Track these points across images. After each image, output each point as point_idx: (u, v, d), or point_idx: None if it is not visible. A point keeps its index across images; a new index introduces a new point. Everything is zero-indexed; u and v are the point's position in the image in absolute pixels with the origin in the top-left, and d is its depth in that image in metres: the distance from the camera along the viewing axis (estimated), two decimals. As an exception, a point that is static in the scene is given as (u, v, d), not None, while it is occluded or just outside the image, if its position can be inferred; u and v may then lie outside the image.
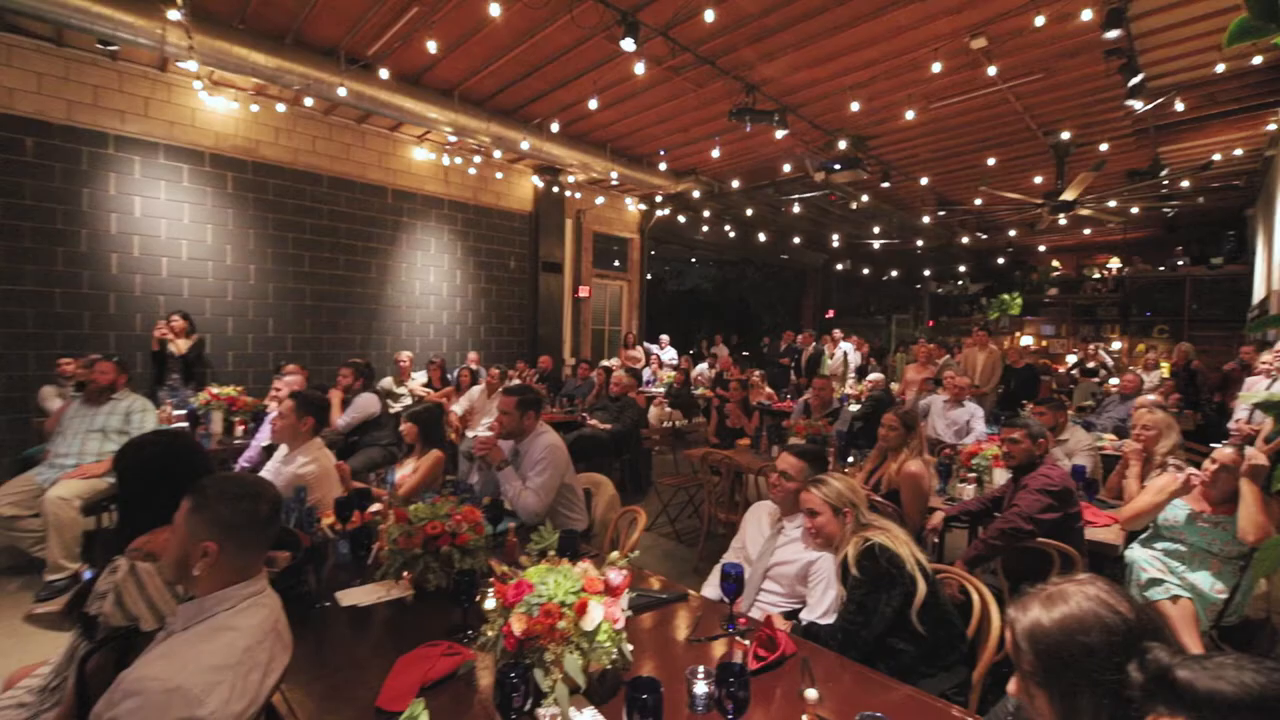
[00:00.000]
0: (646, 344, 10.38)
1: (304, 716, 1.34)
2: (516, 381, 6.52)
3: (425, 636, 1.70)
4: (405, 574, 1.99)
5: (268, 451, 3.69)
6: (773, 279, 17.00)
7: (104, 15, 4.71)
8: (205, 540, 1.16)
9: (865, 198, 8.84)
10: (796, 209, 9.61)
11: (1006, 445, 2.86)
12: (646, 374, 8.92)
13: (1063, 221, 9.35)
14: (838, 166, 7.54)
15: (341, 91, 5.60)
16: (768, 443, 4.42)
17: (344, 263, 7.54)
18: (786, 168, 7.82)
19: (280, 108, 6.57)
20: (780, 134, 6.28)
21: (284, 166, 7.04)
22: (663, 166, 8.50)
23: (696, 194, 9.15)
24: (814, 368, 8.64)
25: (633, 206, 10.47)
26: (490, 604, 1.78)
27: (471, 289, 8.77)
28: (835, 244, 12.49)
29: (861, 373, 8.44)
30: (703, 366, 9.79)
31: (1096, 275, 13.35)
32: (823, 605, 2.09)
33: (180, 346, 5.95)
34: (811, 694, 1.42)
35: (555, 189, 8.98)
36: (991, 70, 5.20)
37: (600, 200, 9.84)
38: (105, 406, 3.98)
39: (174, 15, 4.42)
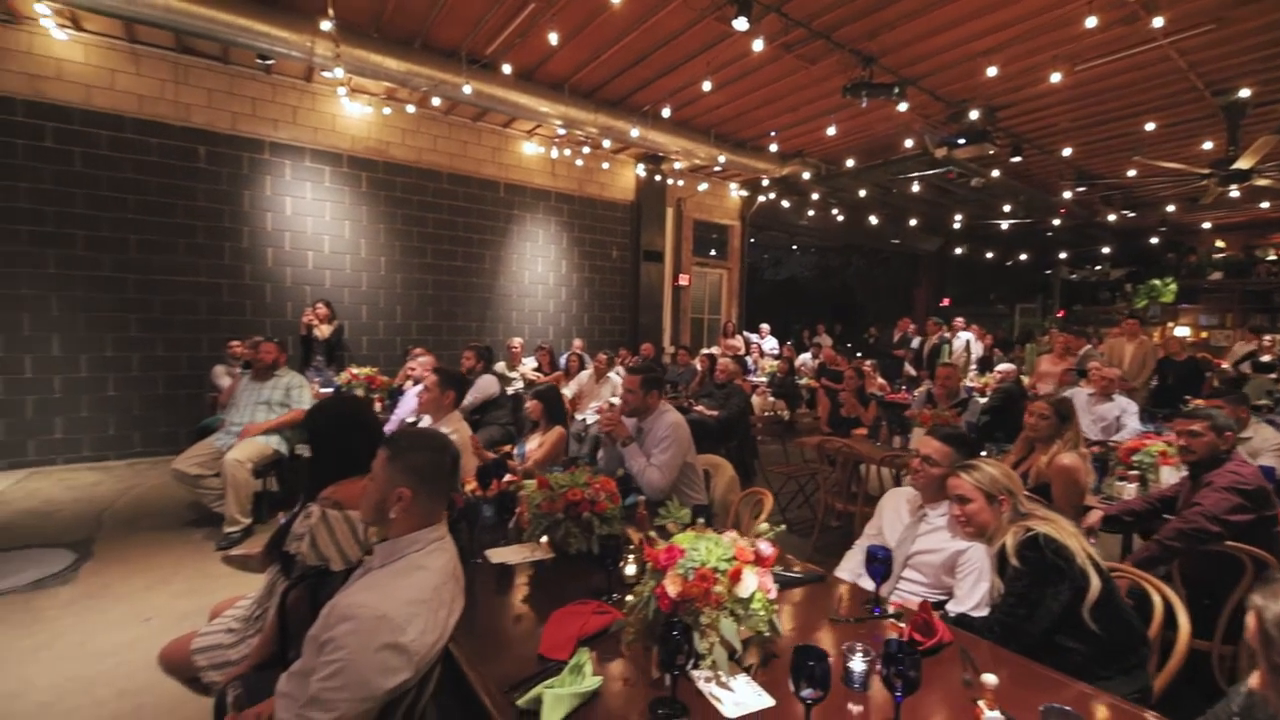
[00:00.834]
0: (746, 333, 10.22)
1: (473, 658, 1.43)
2: (620, 368, 6.64)
3: (567, 595, 1.76)
4: (544, 538, 2.09)
5: (410, 424, 3.99)
6: (880, 266, 16.17)
7: (263, 32, 5.24)
8: (400, 486, 1.27)
9: (996, 173, 8.16)
10: (916, 187, 9.02)
11: (1185, 438, 2.54)
12: (747, 363, 8.79)
13: (1234, 194, 8.16)
14: (961, 141, 7.01)
15: (467, 89, 5.91)
16: (888, 433, 4.21)
17: (461, 254, 8.00)
18: (909, 143, 7.35)
19: (410, 109, 7.04)
20: (900, 108, 5.92)
21: (409, 165, 7.56)
22: (774, 148, 8.26)
23: (807, 175, 8.83)
24: (934, 359, 8.13)
25: (735, 193, 10.31)
26: (631, 569, 1.83)
27: (576, 278, 9.01)
28: (956, 226, 11.65)
29: (984, 364, 7.83)
30: (805, 356, 9.50)
31: (1271, 256, 11.57)
32: (974, 598, 1.95)
33: (324, 331, 6.56)
34: (990, 679, 1.33)
35: (657, 178, 9.02)
36: (1157, 21, 4.61)
37: (703, 187, 9.76)
38: (269, 382, 4.47)
39: (326, 26, 4.83)
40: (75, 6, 4.80)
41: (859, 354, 10.37)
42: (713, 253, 10.69)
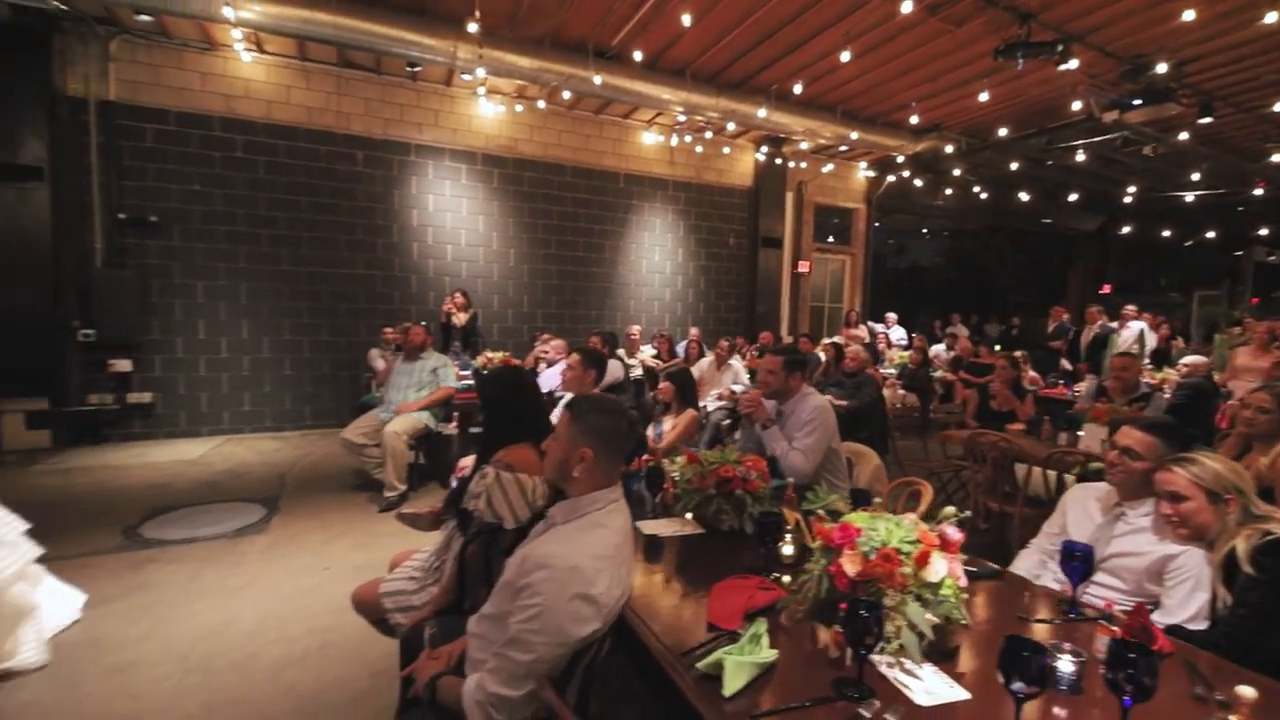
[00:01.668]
0: (870, 323, 9.68)
1: (648, 619, 1.45)
2: (742, 356, 6.53)
3: (717, 570, 1.75)
4: (688, 514, 2.09)
5: (549, 400, 4.18)
6: (1025, 249, 14.65)
7: (413, 40, 5.68)
8: (583, 446, 1.31)
9: (1185, 135, 7.09)
10: (1081, 156, 8.03)
11: None
12: (879, 352, 8.32)
13: None
14: (1137, 102, 6.15)
15: (597, 80, 6.05)
16: (1051, 428, 3.80)
17: (583, 245, 8.24)
18: (1077, 105, 6.57)
19: (540, 104, 7.29)
20: (1071, 65, 5.30)
21: (536, 160, 7.89)
22: (913, 121, 7.70)
23: (950, 149, 8.17)
24: (1095, 351, 7.25)
25: (861, 173, 9.78)
26: (788, 550, 1.78)
27: (692, 266, 8.99)
28: (1125, 200, 10.29)
29: (1160, 358, 6.85)
30: (939, 347, 8.83)
31: None
32: (1189, 608, 1.70)
33: (461, 319, 7.02)
34: (1247, 691, 1.14)
35: (777, 161, 8.76)
36: None
37: (827, 169, 9.34)
38: (418, 363, 4.86)
39: (473, 28, 5.13)
40: (260, 29, 5.45)
41: (998, 345, 9.49)
42: (831, 239, 10.22)
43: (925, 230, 14.71)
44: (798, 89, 6.73)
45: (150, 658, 2.50)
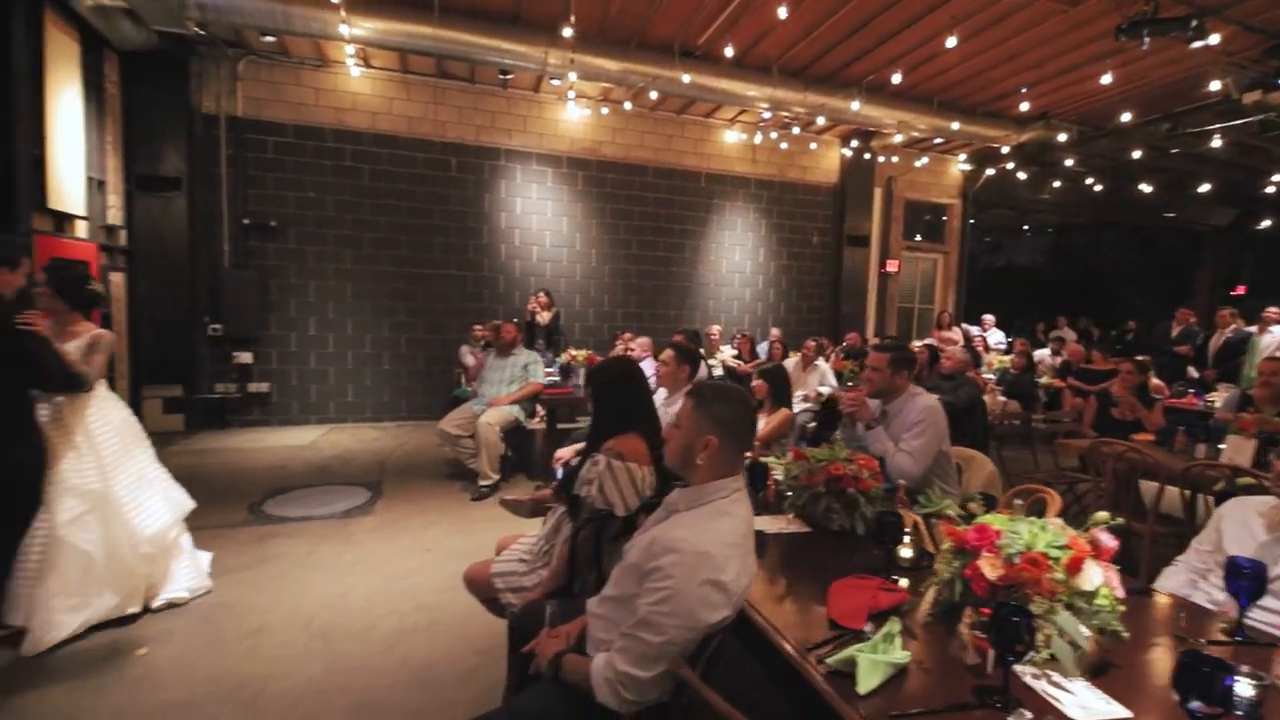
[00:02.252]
0: (965, 325, 9.16)
1: (765, 612, 1.43)
2: (825, 358, 6.35)
3: (825, 569, 1.71)
4: (791, 513, 2.04)
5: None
6: (1143, 247, 13.40)
7: (507, 49, 5.89)
8: (707, 434, 1.31)
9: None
10: (1217, 141, 7.27)
11: None
12: (979, 355, 7.85)
13: None
14: (1287, 79, 5.50)
15: (686, 79, 6.07)
16: (1186, 440, 3.45)
17: (663, 245, 8.28)
18: (1215, 85, 5.96)
19: (627, 105, 7.37)
20: (1211, 41, 4.81)
21: (618, 162, 8.00)
22: (1023, 107, 7.22)
23: (1061, 138, 7.61)
24: (1226, 357, 6.54)
25: (958, 167, 9.28)
26: (906, 552, 1.70)
27: (773, 266, 8.83)
28: (1268, 190, 9.23)
29: (1311, 365, 6.06)
30: (1043, 352, 8.22)
31: None
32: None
33: (544, 318, 7.21)
34: None
35: (866, 156, 8.45)
36: None
37: (921, 162, 8.91)
38: (510, 359, 5.04)
39: (568, 32, 5.27)
40: (369, 45, 5.81)
41: (1112, 350, 8.71)
42: (917, 237, 9.74)
43: (1026, 227, 13.74)
44: (894, 79, 6.46)
45: (277, 623, 2.71)
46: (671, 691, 1.23)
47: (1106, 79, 5.78)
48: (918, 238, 9.76)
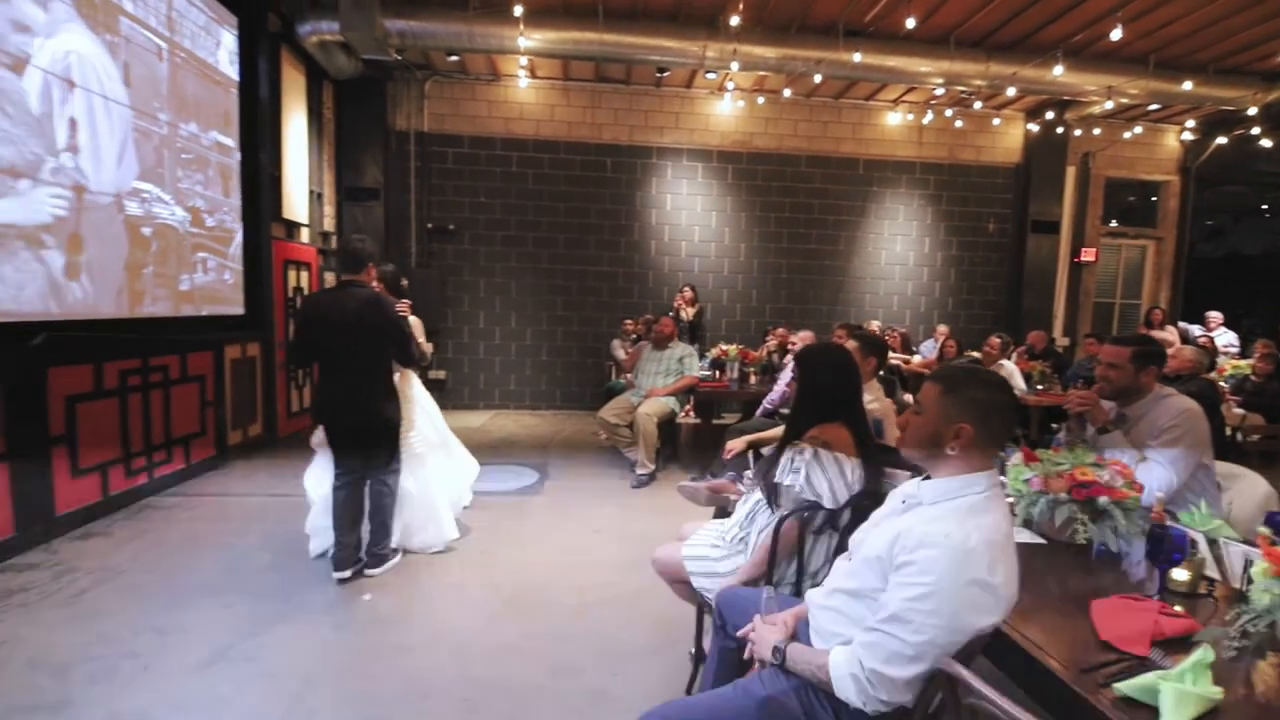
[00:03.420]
0: (1183, 323, 7.79)
1: (1018, 625, 1.28)
2: (1007, 358, 5.70)
3: (1069, 585, 1.53)
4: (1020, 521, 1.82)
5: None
6: None
7: (666, 46, 5.96)
8: (960, 422, 1.19)
9: None
10: None
11: None
12: (1212, 357, 6.63)
13: None
14: None
15: (857, 58, 5.76)
16: None
17: (816, 237, 7.95)
18: None
19: (786, 92, 7.17)
20: None
21: (770, 153, 7.81)
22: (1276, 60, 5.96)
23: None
24: None
25: (1178, 137, 7.90)
26: (1182, 574, 1.45)
27: (940, 257, 8.12)
28: None
29: None
30: (1293, 355, 6.73)
31: None
32: None
33: (689, 313, 7.23)
34: None
35: (1059, 130, 7.47)
36: None
37: (1135, 131, 7.67)
38: (667, 352, 5.11)
39: (735, 20, 5.23)
40: (539, 54, 6.17)
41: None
42: (1113, 222, 8.42)
43: (1265, 206, 11.36)
44: (1090, 42, 5.64)
45: (473, 589, 2.95)
46: (917, 696, 1.13)
47: None
48: (1113, 223, 8.46)
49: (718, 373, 5.31)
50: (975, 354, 5.97)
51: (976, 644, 1.11)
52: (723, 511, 2.51)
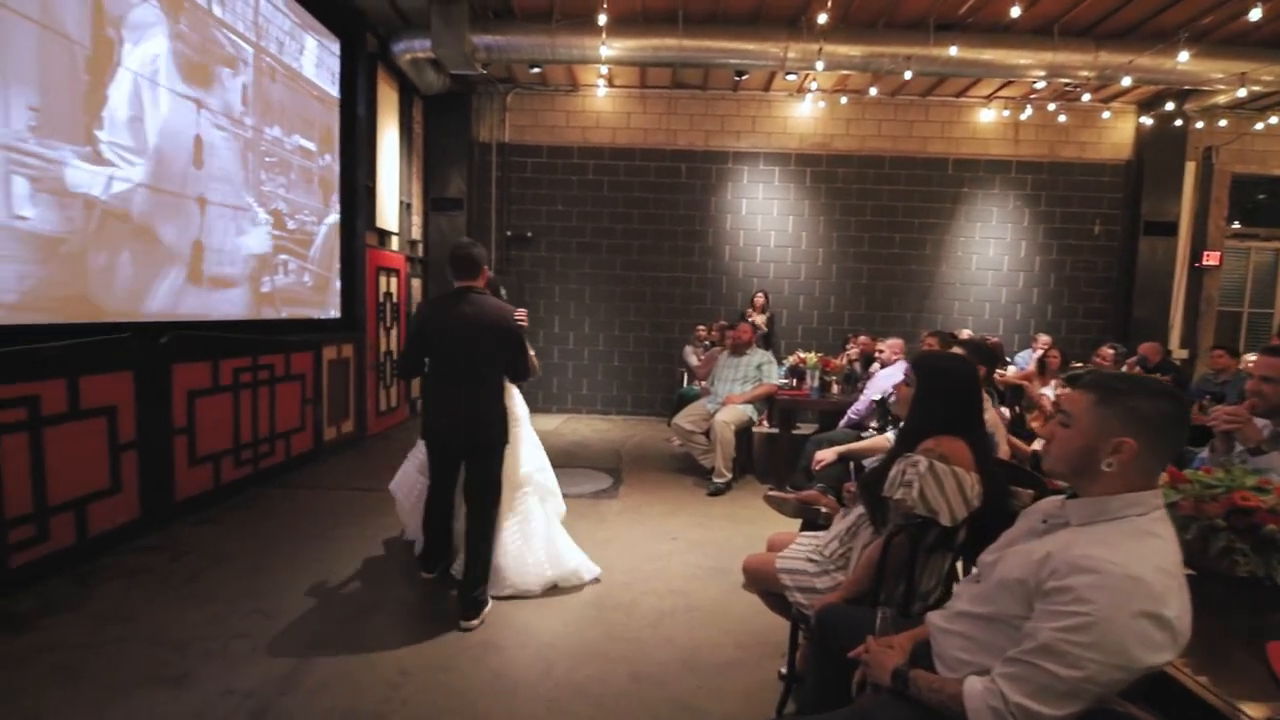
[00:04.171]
0: (1328, 334, 6.91)
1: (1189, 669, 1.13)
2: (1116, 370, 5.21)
3: (1234, 621, 1.36)
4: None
5: (880, 406, 3.90)
6: None
7: (746, 49, 5.88)
8: (1120, 435, 1.06)
9: None
10: None
11: None
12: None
13: None
14: None
15: (953, 51, 5.49)
16: None
17: (899, 241, 7.61)
18: None
19: (872, 91, 6.91)
20: None
21: (851, 155, 7.55)
22: None
23: None
24: None
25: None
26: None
27: (1038, 262, 7.58)
28: None
29: None
30: None
31: None
32: None
33: (760, 320, 7.08)
34: None
35: (1178, 122, 6.82)
36: None
37: (1270, 122, 6.90)
38: (744, 358, 5.00)
39: (822, 18, 5.09)
40: (619, 63, 6.23)
41: None
42: (1234, 224, 7.56)
43: None
44: (1230, 21, 5.11)
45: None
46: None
47: None
48: (1235, 224, 7.62)
49: (796, 381, 5.14)
50: (1081, 366, 5.50)
51: (1142, 684, 0.98)
52: (811, 524, 2.40)
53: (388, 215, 6.43)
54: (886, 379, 4.03)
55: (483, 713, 2.04)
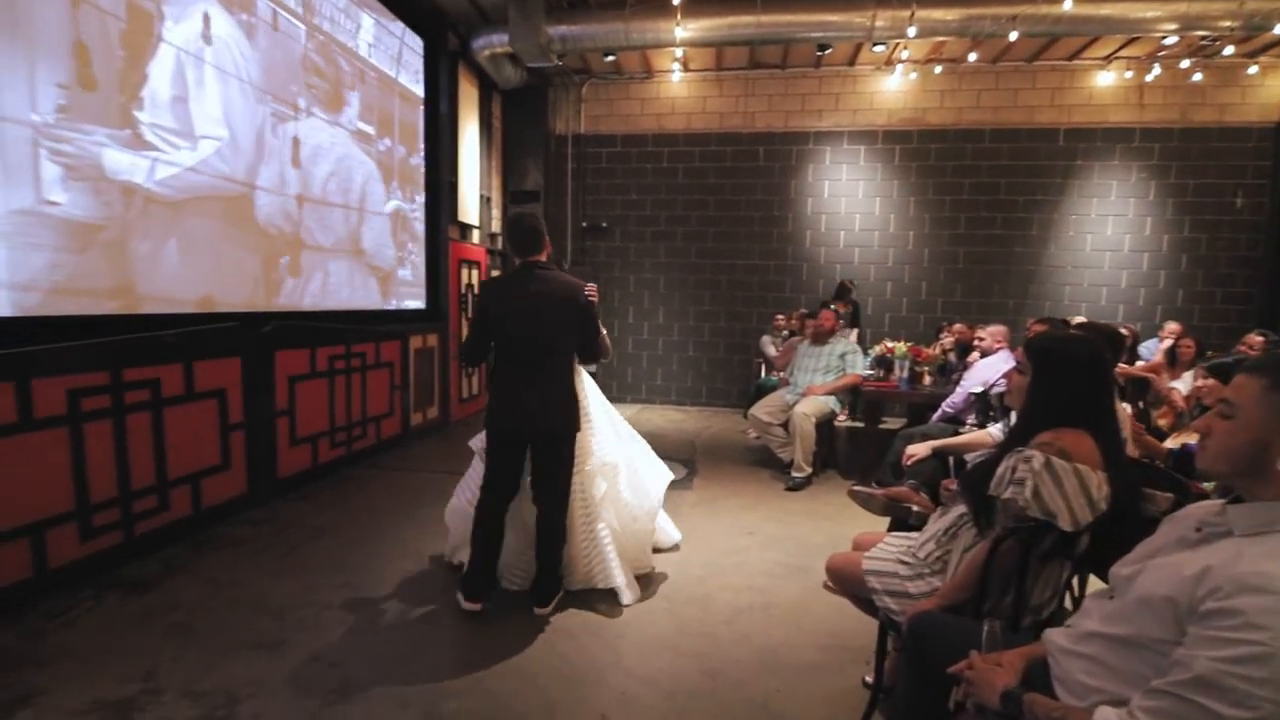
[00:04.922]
0: None
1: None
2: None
3: None
4: None
5: (980, 398, 3.59)
6: None
7: (829, 21, 5.57)
8: (1299, 431, 0.87)
9: None
10: None
11: None
12: None
13: None
14: None
15: (1066, 5, 4.95)
16: None
17: (1001, 221, 7.01)
18: None
19: (972, 56, 6.37)
20: None
21: (946, 129, 7.02)
22: None
23: None
24: None
25: None
26: None
27: (1166, 240, 6.76)
28: None
29: None
30: None
31: None
32: None
33: (840, 307, 6.73)
34: None
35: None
36: None
37: None
38: (826, 347, 4.76)
39: None
40: (693, 44, 6.07)
41: None
42: None
43: None
44: None
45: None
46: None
47: None
48: None
49: (883, 372, 4.84)
50: (1219, 356, 4.84)
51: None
52: (901, 523, 2.22)
53: (469, 209, 6.62)
54: (987, 369, 3.71)
55: (555, 700, 2.02)
